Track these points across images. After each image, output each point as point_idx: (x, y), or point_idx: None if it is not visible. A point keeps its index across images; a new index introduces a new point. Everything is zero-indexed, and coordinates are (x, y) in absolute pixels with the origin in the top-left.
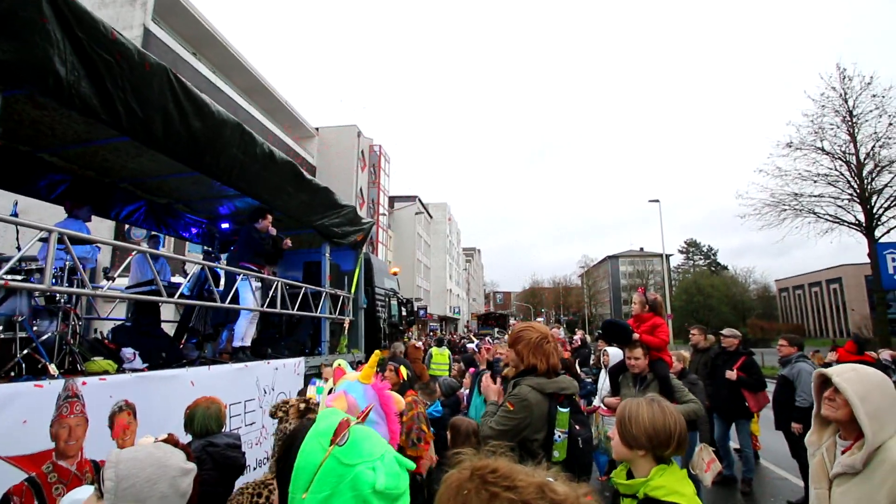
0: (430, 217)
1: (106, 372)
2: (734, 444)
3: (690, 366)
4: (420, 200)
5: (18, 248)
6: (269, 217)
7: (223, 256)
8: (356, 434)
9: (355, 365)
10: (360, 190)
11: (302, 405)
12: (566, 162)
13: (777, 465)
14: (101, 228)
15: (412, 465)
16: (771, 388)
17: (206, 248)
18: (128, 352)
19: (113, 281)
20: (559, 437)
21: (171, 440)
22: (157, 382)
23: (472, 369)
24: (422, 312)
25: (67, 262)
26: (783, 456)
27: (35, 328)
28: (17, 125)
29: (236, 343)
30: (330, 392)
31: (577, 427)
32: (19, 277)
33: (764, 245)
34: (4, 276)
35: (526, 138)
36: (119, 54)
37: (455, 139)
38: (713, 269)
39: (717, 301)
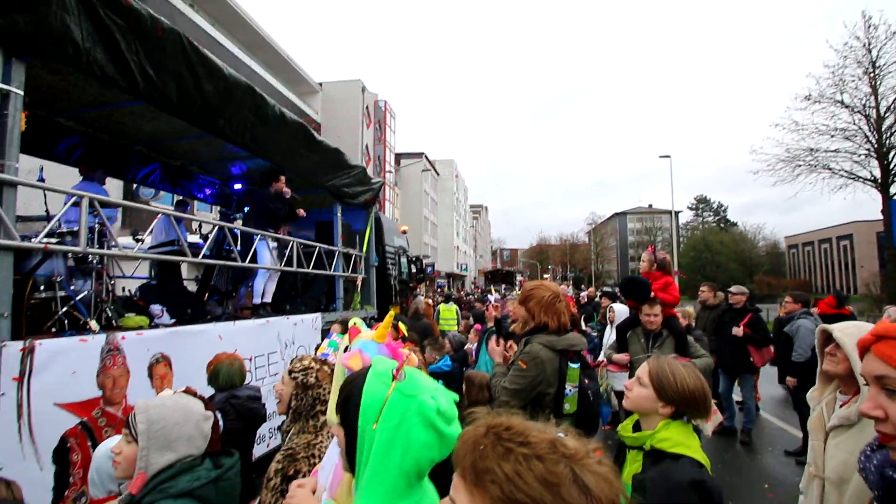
0: (437, 174)
1: (140, 327)
2: (736, 396)
3: (698, 322)
4: (427, 157)
5: (47, 213)
6: (282, 179)
7: (238, 216)
8: (411, 372)
9: (369, 321)
10: (366, 147)
11: (325, 367)
12: (574, 118)
13: (776, 417)
14: (109, 188)
15: (457, 397)
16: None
17: (222, 209)
18: (156, 308)
19: (142, 242)
20: (570, 391)
21: (189, 392)
22: (188, 336)
23: (477, 325)
24: (429, 269)
25: (97, 224)
26: (782, 408)
27: (72, 287)
28: (34, 90)
29: (256, 300)
30: (346, 350)
31: (587, 381)
32: (54, 240)
33: (775, 202)
34: (43, 241)
35: (534, 94)
36: (132, 19)
37: (461, 95)
38: (722, 225)
39: (725, 257)
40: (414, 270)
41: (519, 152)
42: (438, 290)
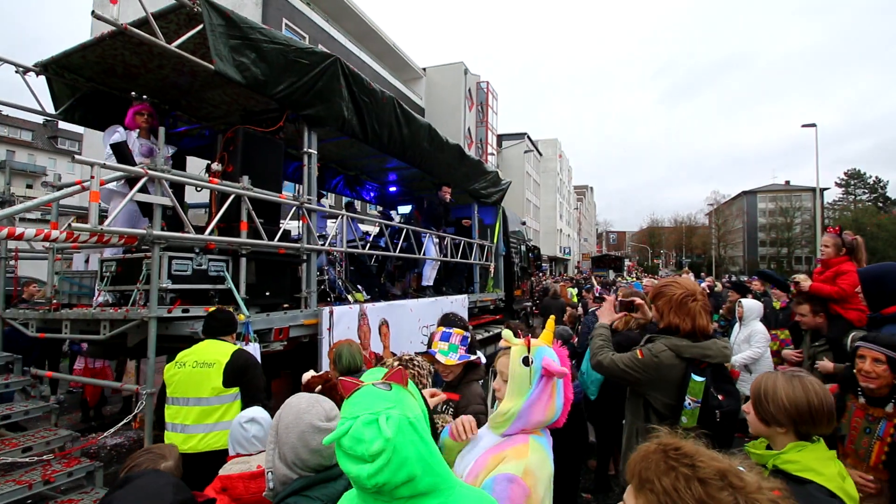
0: (540, 155)
1: (362, 301)
2: None
3: None
4: (529, 137)
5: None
6: (447, 189)
7: (388, 211)
8: (353, 395)
9: (499, 303)
10: (468, 130)
11: (419, 369)
12: (698, 92)
13: None
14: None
15: (389, 434)
16: None
17: (383, 208)
18: (359, 287)
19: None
20: (690, 404)
21: (324, 376)
22: (396, 307)
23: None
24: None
25: (345, 231)
26: None
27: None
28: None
29: (424, 283)
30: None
31: (720, 397)
32: (322, 243)
33: None
34: (320, 245)
35: (664, 70)
36: (371, 96)
37: (571, 69)
38: (881, 204)
39: (884, 243)
40: (532, 257)
41: (631, 129)
42: (541, 274)
